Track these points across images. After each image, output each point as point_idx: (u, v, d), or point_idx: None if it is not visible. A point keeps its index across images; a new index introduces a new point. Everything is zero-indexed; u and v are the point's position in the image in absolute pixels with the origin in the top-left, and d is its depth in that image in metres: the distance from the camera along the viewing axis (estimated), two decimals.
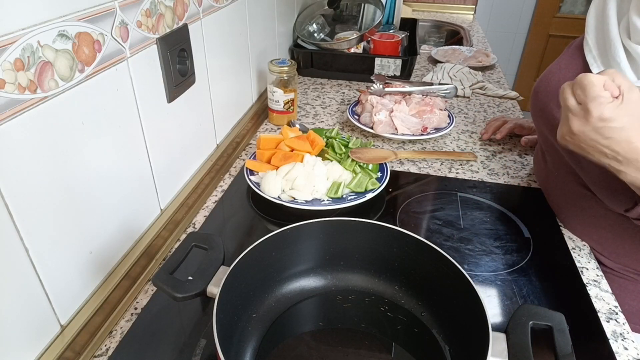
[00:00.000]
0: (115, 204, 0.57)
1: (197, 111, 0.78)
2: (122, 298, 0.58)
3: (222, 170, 0.87)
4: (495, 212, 0.77)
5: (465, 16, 2.14)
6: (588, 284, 0.64)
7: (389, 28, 1.52)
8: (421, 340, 0.53)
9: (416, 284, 0.56)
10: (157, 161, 0.66)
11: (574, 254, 0.69)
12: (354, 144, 0.86)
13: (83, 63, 0.48)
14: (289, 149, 0.83)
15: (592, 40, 0.64)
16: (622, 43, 0.59)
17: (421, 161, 0.93)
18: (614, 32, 0.60)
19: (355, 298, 0.57)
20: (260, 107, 1.10)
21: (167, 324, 0.56)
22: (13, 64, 0.39)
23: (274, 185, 0.75)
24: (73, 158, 0.48)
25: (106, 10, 0.51)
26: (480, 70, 1.41)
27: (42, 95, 0.43)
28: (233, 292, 0.48)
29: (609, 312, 0.59)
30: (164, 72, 0.64)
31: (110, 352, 0.53)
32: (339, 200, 0.74)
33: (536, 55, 3.02)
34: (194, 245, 0.52)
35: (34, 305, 0.46)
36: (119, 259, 0.60)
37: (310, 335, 0.54)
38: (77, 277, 0.52)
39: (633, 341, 0.55)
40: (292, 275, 0.58)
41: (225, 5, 0.82)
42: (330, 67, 1.33)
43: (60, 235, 0.48)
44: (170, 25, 0.65)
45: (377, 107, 0.99)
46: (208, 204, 0.79)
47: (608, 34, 0.60)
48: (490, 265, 0.66)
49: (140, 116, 0.60)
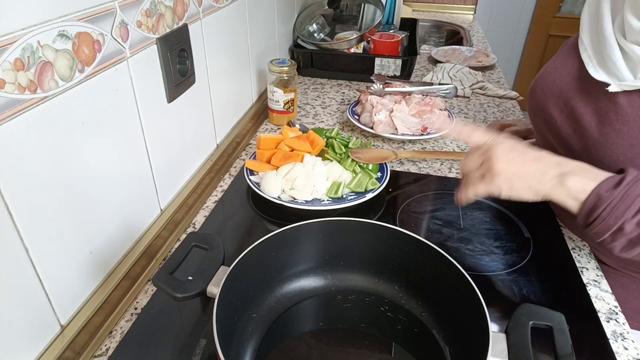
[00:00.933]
0: (115, 204, 0.57)
1: (197, 111, 0.78)
2: (122, 298, 0.58)
3: (222, 170, 0.87)
4: (495, 212, 0.77)
5: (465, 16, 2.14)
6: (588, 284, 0.64)
7: (389, 28, 1.52)
8: (421, 340, 0.53)
9: (416, 284, 0.56)
10: (157, 161, 0.66)
11: (574, 254, 0.69)
12: (354, 144, 0.86)
13: (83, 63, 0.48)
14: (289, 149, 0.83)
15: (586, 39, 0.64)
16: (617, 41, 0.58)
17: (421, 161, 0.93)
18: (609, 30, 0.59)
19: (355, 298, 0.57)
20: (260, 107, 1.10)
21: (167, 324, 0.56)
22: (13, 64, 0.39)
23: (274, 185, 0.75)
24: (73, 158, 0.48)
25: (106, 10, 0.51)
26: (480, 70, 1.41)
27: (42, 95, 0.43)
28: (233, 292, 0.48)
29: (609, 312, 0.59)
30: (164, 72, 0.64)
31: (110, 352, 0.53)
32: (339, 200, 0.74)
33: (536, 55, 3.02)
34: (194, 245, 0.52)
35: (34, 305, 0.46)
36: (119, 259, 0.60)
37: (310, 335, 0.54)
38: (77, 277, 0.52)
39: (633, 341, 0.55)
40: (292, 275, 0.58)
41: (225, 5, 0.82)
42: (330, 67, 1.33)
43: (60, 235, 0.48)
44: (170, 25, 0.65)
45: (377, 107, 0.99)
46: (208, 204, 0.79)
47: (602, 32, 0.60)
48: (490, 265, 0.66)
49: (140, 116, 0.60)
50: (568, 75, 0.66)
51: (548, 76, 0.71)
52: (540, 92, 0.72)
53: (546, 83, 0.71)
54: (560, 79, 0.68)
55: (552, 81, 0.69)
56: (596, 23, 0.62)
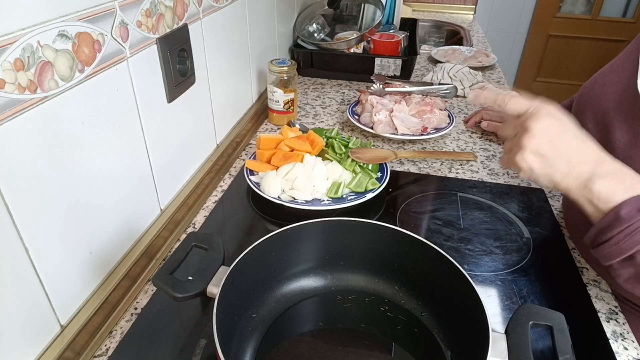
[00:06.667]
0: (115, 204, 0.57)
1: (197, 111, 0.78)
2: (122, 298, 0.58)
3: (222, 170, 0.87)
4: (495, 212, 0.77)
5: (465, 16, 2.14)
6: (588, 284, 0.64)
7: (389, 28, 1.52)
8: (421, 340, 0.53)
9: (416, 284, 0.56)
10: (157, 161, 0.66)
11: (574, 254, 0.69)
12: (354, 144, 0.86)
13: (83, 63, 0.48)
14: (289, 149, 0.83)
15: None
16: None
17: (421, 161, 0.93)
18: None
19: (355, 298, 0.57)
20: (260, 107, 1.10)
21: (167, 324, 0.56)
22: (13, 64, 0.39)
23: (274, 185, 0.75)
24: (73, 158, 0.48)
25: (106, 10, 0.51)
26: (480, 70, 1.41)
27: (42, 95, 0.43)
28: (233, 292, 0.48)
29: (609, 312, 0.59)
30: (164, 72, 0.64)
31: (110, 352, 0.53)
32: (339, 200, 0.74)
33: (536, 55, 3.03)
34: (194, 245, 0.52)
35: (34, 305, 0.46)
36: (119, 259, 0.60)
37: (310, 335, 0.54)
38: (77, 277, 0.52)
39: (633, 341, 0.55)
40: (292, 275, 0.58)
41: (225, 5, 0.82)
42: (330, 67, 1.33)
43: (60, 235, 0.48)
44: (170, 25, 0.65)
45: (377, 107, 0.99)
46: (208, 204, 0.79)
47: None
48: (490, 265, 0.66)
49: (140, 116, 0.60)
50: (618, 82, 0.59)
51: (600, 79, 0.63)
52: (585, 97, 0.64)
53: (594, 87, 0.63)
54: (609, 84, 0.61)
55: (600, 86, 0.61)
56: None
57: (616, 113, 0.58)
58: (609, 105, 0.59)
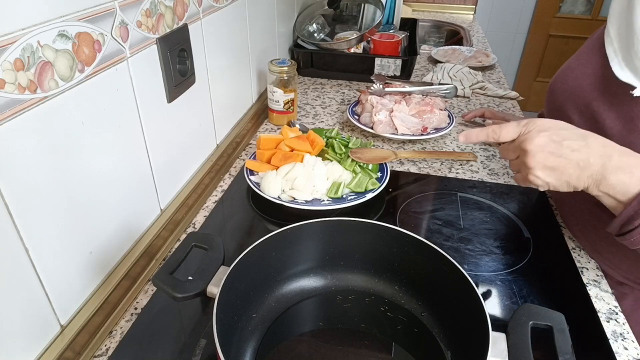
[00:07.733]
0: (115, 203, 0.57)
1: (197, 111, 0.78)
2: (122, 298, 0.58)
3: (222, 170, 0.87)
4: (495, 212, 0.77)
5: (465, 16, 2.14)
6: (588, 284, 0.64)
7: (389, 28, 1.52)
8: (421, 340, 0.53)
9: (416, 284, 0.56)
10: (157, 161, 0.66)
11: (574, 254, 0.69)
12: (354, 144, 0.86)
13: (83, 63, 0.48)
14: (289, 149, 0.83)
15: (614, 31, 0.57)
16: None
17: (421, 161, 0.93)
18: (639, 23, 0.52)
19: (355, 298, 0.57)
20: (260, 107, 1.10)
21: (167, 324, 0.56)
22: (13, 64, 0.39)
23: (274, 185, 0.75)
24: (73, 158, 0.48)
25: (106, 10, 0.51)
26: (480, 70, 1.41)
27: (42, 95, 0.43)
28: (233, 292, 0.48)
29: (609, 312, 0.59)
30: (164, 72, 0.64)
31: (110, 352, 0.53)
32: (339, 200, 0.74)
33: (536, 55, 3.03)
34: (194, 245, 0.52)
35: (34, 305, 0.46)
36: (119, 259, 0.60)
37: (310, 335, 0.54)
38: (77, 277, 0.52)
39: (633, 341, 0.55)
40: (292, 275, 0.58)
41: (225, 5, 0.82)
42: (330, 67, 1.33)
43: (60, 235, 0.48)
44: (170, 25, 0.65)
45: (377, 107, 0.99)
46: (208, 204, 0.79)
47: (632, 26, 0.53)
48: (490, 265, 0.66)
49: (140, 116, 0.60)
50: (591, 74, 0.61)
51: (570, 73, 0.65)
52: (559, 91, 0.66)
53: (567, 81, 0.65)
54: (582, 77, 0.62)
55: (573, 79, 0.64)
56: (626, 14, 0.55)
57: (599, 103, 0.59)
58: (590, 96, 0.61)
